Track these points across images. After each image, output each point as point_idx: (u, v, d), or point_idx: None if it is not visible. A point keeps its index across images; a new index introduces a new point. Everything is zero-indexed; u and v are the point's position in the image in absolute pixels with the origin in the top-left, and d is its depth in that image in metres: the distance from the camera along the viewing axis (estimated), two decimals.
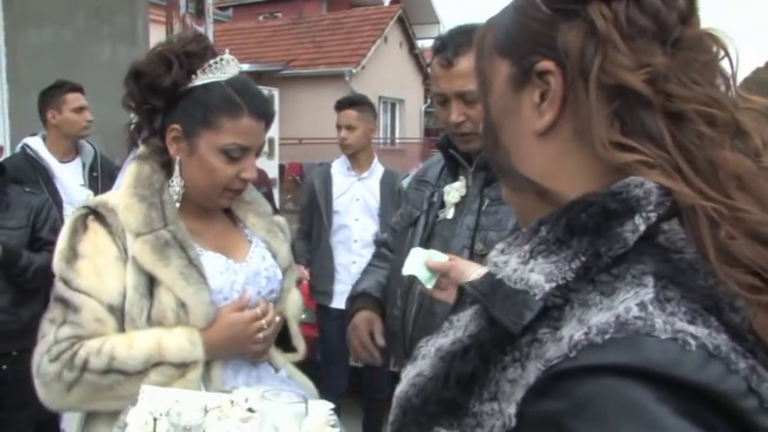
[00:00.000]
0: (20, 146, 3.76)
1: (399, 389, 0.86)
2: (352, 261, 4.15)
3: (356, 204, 4.17)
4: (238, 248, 1.80)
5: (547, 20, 0.79)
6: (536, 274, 0.73)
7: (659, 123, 0.72)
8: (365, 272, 2.55)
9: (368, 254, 4.08)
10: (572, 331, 0.66)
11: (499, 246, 0.84)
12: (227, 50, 1.71)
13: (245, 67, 17.44)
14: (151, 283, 1.60)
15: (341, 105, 4.23)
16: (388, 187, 4.22)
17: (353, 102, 4.32)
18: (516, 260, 0.77)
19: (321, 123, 14.19)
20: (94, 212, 1.64)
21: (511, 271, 0.77)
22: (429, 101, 23.70)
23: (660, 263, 0.70)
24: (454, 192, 2.13)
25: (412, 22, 21.56)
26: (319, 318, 4.31)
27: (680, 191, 0.70)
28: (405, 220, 2.29)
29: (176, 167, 1.69)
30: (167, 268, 1.60)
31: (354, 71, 18.17)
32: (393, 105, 21.56)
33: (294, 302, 1.91)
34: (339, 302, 4.04)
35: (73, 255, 1.61)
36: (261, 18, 22.39)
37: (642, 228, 0.70)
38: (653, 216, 0.71)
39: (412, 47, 21.77)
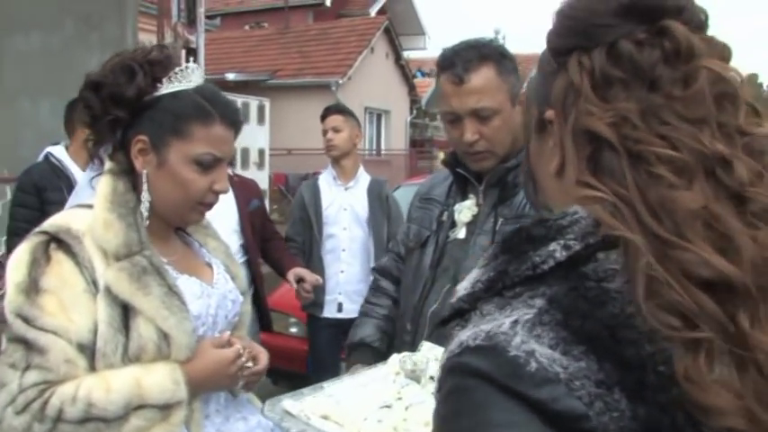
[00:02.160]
0: (43, 154, 3.82)
1: None
2: (340, 270, 4.18)
3: (344, 214, 4.18)
4: (204, 271, 1.72)
5: (552, 71, 0.87)
6: (464, 282, 0.85)
7: (622, 164, 0.76)
8: (363, 314, 2.40)
9: (356, 263, 4.17)
10: (464, 334, 0.77)
11: None
12: (191, 59, 1.68)
13: (232, 76, 17.50)
14: (126, 314, 1.47)
15: (327, 112, 4.28)
16: (376, 195, 4.24)
17: (339, 109, 4.39)
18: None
19: (307, 134, 14.17)
20: (56, 239, 1.48)
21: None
22: (415, 112, 23.79)
23: (566, 289, 0.76)
24: (465, 211, 2.07)
25: (398, 33, 21.59)
26: (309, 328, 4.36)
27: (609, 224, 0.74)
28: (413, 241, 2.20)
29: (143, 183, 1.57)
30: (148, 297, 1.48)
31: (341, 82, 18.17)
32: (379, 116, 21.59)
33: (244, 326, 1.84)
34: (329, 311, 4.15)
35: (34, 289, 1.44)
36: (247, 27, 22.35)
37: (559, 254, 0.77)
38: (574, 244, 0.77)
39: (398, 58, 21.80)
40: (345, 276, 4.18)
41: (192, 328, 1.54)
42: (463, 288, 0.84)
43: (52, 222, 1.53)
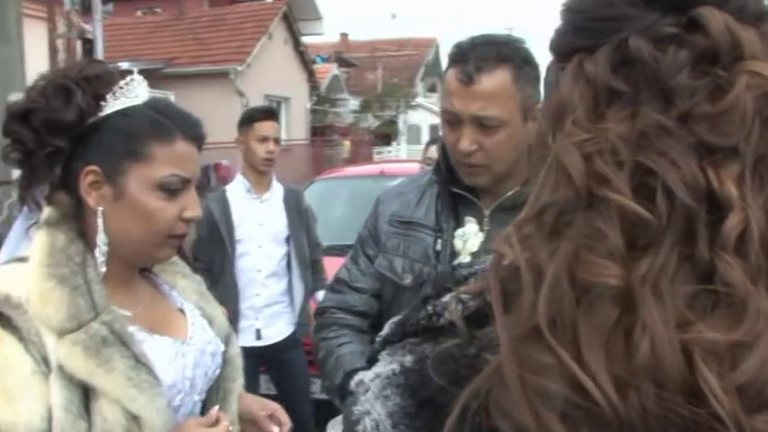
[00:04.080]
0: None
1: None
2: (256, 293, 3.80)
3: (259, 230, 3.79)
4: (175, 322, 1.48)
5: (554, 81, 0.69)
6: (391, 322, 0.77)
7: (576, 215, 0.56)
8: (328, 353, 1.89)
9: (273, 284, 3.82)
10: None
11: None
12: (135, 70, 1.45)
13: (125, 65, 16.71)
14: (86, 396, 1.25)
15: (261, 115, 3.84)
16: (293, 207, 3.91)
17: (272, 111, 4.02)
18: None
19: (206, 124, 13.69)
20: None
21: None
22: (315, 98, 23.51)
23: (442, 350, 0.66)
24: (473, 238, 1.77)
25: (296, 19, 21.25)
26: None
27: (491, 293, 0.60)
28: (409, 278, 1.81)
29: (99, 222, 1.34)
30: (110, 375, 1.25)
31: (240, 69, 17.72)
32: (279, 104, 21.20)
33: (237, 374, 1.59)
34: (246, 340, 3.62)
35: None
36: (139, 13, 21.50)
37: (454, 306, 0.68)
38: (468, 300, 0.68)
39: (297, 44, 21.48)
40: (262, 300, 3.81)
41: (165, 405, 1.31)
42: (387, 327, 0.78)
43: None
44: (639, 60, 0.58)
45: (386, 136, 31.68)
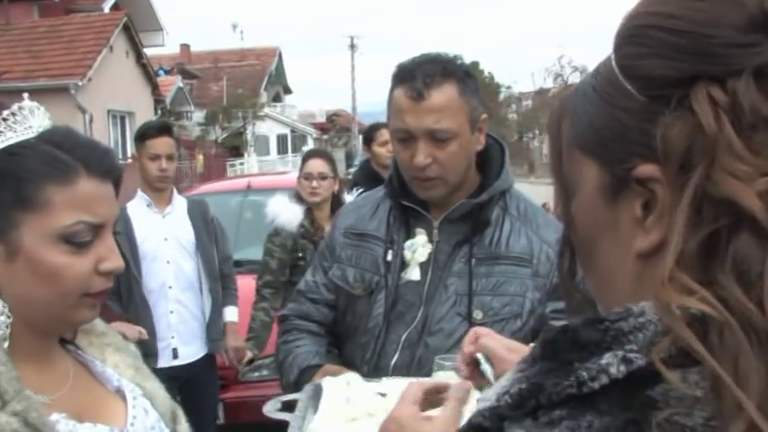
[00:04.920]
0: None
1: None
2: (169, 311, 3.69)
3: (165, 245, 3.67)
4: (110, 406, 1.24)
5: (642, 110, 0.61)
6: (492, 391, 0.65)
7: (765, 260, 0.53)
8: (288, 352, 1.97)
9: (187, 299, 3.72)
10: None
11: None
12: (25, 95, 1.18)
13: None
14: None
15: (154, 131, 3.67)
16: (199, 218, 3.79)
17: (165, 128, 3.84)
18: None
19: None
20: None
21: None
22: (159, 112, 22.69)
23: (623, 422, 0.56)
24: (420, 249, 1.84)
25: (136, 30, 20.45)
26: None
27: (701, 353, 0.53)
28: (359, 287, 1.89)
29: None
30: None
31: (80, 83, 16.77)
32: (123, 119, 20.35)
33: None
34: (165, 360, 3.61)
35: None
36: None
37: (616, 369, 0.57)
38: (637, 358, 0.57)
39: (139, 56, 20.66)
40: (177, 317, 3.69)
41: None
42: (487, 398, 0.65)
43: None
44: None
45: (234, 148, 31.13)
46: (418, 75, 1.76)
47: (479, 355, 1.09)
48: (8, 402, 1.03)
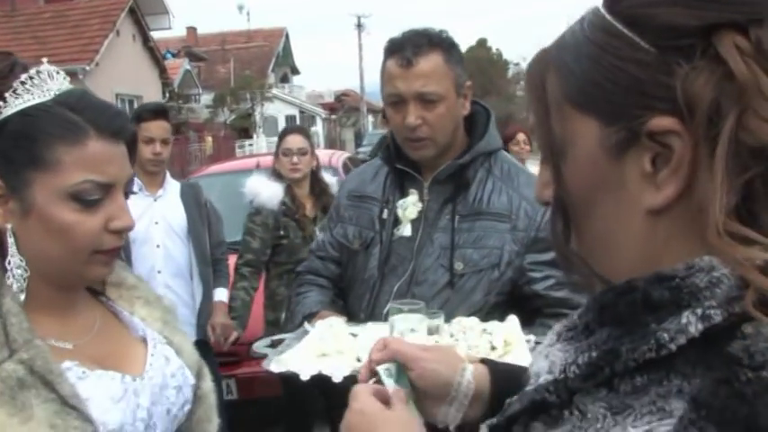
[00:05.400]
0: None
1: None
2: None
3: (156, 229, 3.58)
4: (130, 353, 1.29)
5: (653, 61, 0.59)
6: (543, 362, 0.64)
7: None
8: (297, 302, 2.17)
9: (176, 285, 3.60)
10: None
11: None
12: (44, 60, 1.23)
13: None
14: None
15: (150, 114, 3.60)
16: (193, 202, 3.73)
17: (160, 110, 3.75)
18: (542, 346, 0.67)
19: None
20: None
21: (534, 358, 0.68)
22: (167, 96, 22.72)
23: (713, 383, 0.53)
24: (411, 207, 2.01)
25: (143, 14, 20.44)
26: None
27: None
28: (356, 243, 2.09)
29: (10, 242, 1.16)
30: (28, 425, 1.06)
31: (88, 68, 16.84)
32: (131, 102, 20.35)
33: (212, 413, 1.40)
34: None
35: None
36: None
37: (694, 328, 0.55)
38: (716, 314, 0.55)
39: (146, 39, 20.66)
40: (167, 302, 3.67)
41: None
42: (543, 372, 0.63)
43: None
44: None
45: (243, 129, 31.14)
46: (407, 45, 1.94)
47: (380, 369, 1.02)
48: (16, 351, 1.09)
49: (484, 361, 1.04)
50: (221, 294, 3.84)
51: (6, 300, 1.13)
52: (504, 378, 0.95)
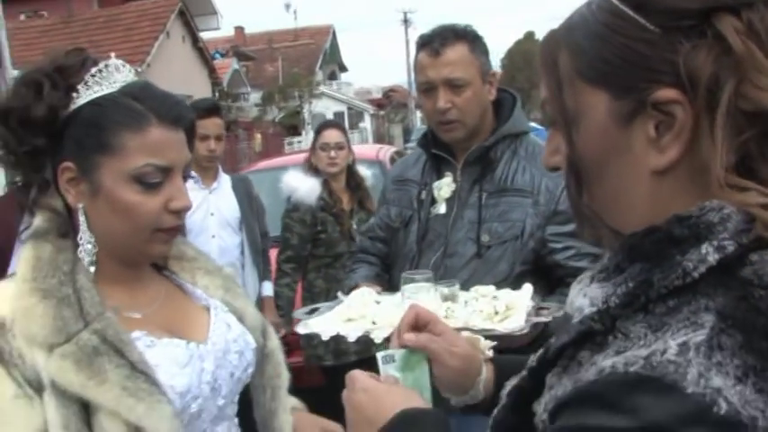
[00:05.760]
0: None
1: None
2: None
3: (211, 220, 3.75)
4: (194, 321, 1.39)
5: (658, 40, 0.69)
6: (583, 299, 0.74)
7: None
8: (347, 277, 2.44)
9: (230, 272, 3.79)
10: (606, 361, 0.65)
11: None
12: (112, 54, 1.35)
13: (14, 74, 15.91)
14: (86, 410, 1.18)
15: (203, 113, 3.67)
16: (244, 194, 3.88)
17: (216, 107, 3.92)
18: (577, 288, 0.77)
19: None
20: None
21: (572, 298, 0.78)
22: (217, 95, 23.05)
23: (733, 300, 0.64)
24: (445, 187, 2.21)
25: (192, 15, 20.78)
26: None
27: None
28: (397, 221, 2.33)
29: (81, 219, 1.28)
30: (103, 387, 1.18)
31: (140, 70, 17.17)
32: None
33: (281, 368, 1.49)
34: None
35: None
36: (23, 17, 20.50)
37: (712, 257, 0.65)
38: (729, 245, 0.65)
39: (195, 40, 21.02)
40: None
41: (170, 413, 1.23)
42: (586, 306, 0.72)
43: None
44: None
45: (292, 127, 31.42)
46: (435, 38, 2.16)
47: (379, 356, 1.08)
48: (90, 323, 1.21)
49: (493, 360, 1.16)
50: (268, 289, 3.98)
51: (80, 276, 1.25)
52: (507, 375, 1.01)
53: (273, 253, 4.03)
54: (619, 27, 0.71)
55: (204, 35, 24.04)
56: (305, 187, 3.92)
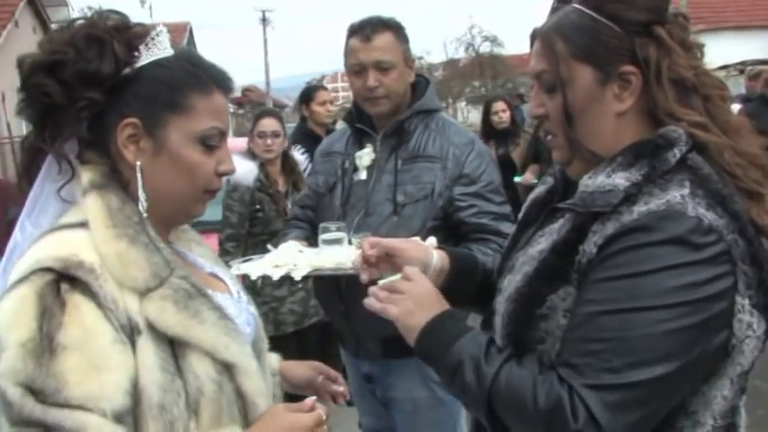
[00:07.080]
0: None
1: (506, 291, 1.32)
2: None
3: None
4: (217, 283, 1.44)
5: (624, 37, 1.24)
6: (619, 179, 1.22)
7: (697, 100, 1.25)
8: (279, 241, 2.68)
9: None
10: (641, 208, 1.17)
11: (585, 177, 1.29)
12: (161, 23, 1.37)
13: None
14: (174, 355, 1.20)
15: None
16: None
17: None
18: (602, 177, 1.24)
19: None
20: (67, 278, 1.15)
21: (600, 184, 1.23)
22: None
23: (691, 175, 1.20)
24: (366, 156, 2.58)
25: (43, 5, 19.91)
26: None
27: (706, 138, 1.23)
28: (323, 187, 2.66)
29: (138, 177, 1.27)
30: (204, 326, 1.22)
31: None
32: None
33: (263, 332, 1.54)
34: None
35: (49, 349, 1.10)
36: None
37: (678, 155, 1.21)
38: (684, 148, 1.21)
39: (46, 31, 20.07)
40: None
41: (252, 353, 1.32)
42: (620, 183, 1.20)
43: (52, 254, 1.17)
44: (683, 26, 1.31)
45: None
46: (366, 26, 2.54)
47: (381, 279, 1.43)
48: (174, 269, 1.25)
49: (440, 248, 1.58)
50: None
51: (149, 228, 1.27)
52: (456, 257, 1.54)
53: (215, 237, 4.19)
54: (597, 28, 1.25)
55: (55, 27, 22.95)
56: (242, 169, 4.12)
